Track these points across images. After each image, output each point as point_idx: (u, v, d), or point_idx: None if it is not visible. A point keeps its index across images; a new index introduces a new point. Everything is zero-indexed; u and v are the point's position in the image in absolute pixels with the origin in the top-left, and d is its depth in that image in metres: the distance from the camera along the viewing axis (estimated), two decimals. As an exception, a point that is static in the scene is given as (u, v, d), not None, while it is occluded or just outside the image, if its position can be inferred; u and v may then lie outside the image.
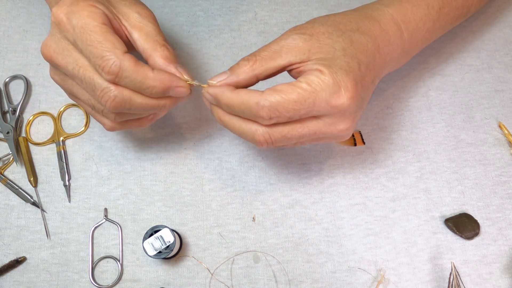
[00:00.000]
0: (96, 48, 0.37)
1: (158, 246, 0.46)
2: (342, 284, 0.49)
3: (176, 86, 0.40)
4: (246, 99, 0.38)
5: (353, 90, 0.38)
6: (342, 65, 0.39)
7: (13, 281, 0.49)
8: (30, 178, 0.52)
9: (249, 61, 0.41)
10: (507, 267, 0.49)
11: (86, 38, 0.37)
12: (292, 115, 0.38)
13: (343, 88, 0.38)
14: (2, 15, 0.61)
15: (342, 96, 0.38)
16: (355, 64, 0.40)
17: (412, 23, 0.47)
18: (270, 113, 0.37)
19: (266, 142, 0.40)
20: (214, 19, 0.61)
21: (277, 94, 0.37)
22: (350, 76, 0.38)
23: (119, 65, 0.37)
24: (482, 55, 0.59)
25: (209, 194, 0.52)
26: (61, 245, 0.50)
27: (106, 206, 0.52)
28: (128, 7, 0.42)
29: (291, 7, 0.61)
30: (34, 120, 0.56)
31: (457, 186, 0.52)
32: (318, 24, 0.42)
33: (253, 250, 0.50)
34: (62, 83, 0.43)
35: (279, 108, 0.37)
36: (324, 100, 0.37)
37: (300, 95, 0.37)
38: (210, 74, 0.58)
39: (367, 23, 0.44)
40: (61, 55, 0.39)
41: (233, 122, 0.41)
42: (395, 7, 0.47)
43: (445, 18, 0.50)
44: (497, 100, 0.56)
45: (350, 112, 0.39)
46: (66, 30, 0.38)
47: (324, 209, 0.52)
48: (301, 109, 0.37)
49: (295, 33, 0.41)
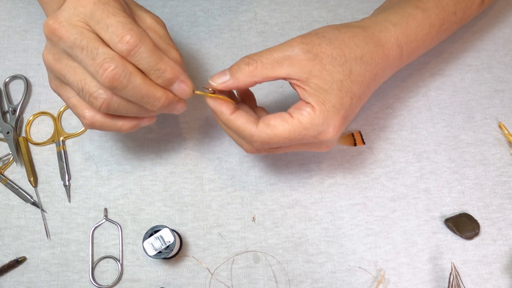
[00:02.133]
0: (120, 19, 0.37)
1: (158, 246, 0.46)
2: (342, 284, 0.49)
3: (182, 81, 0.40)
4: (242, 129, 0.42)
5: (340, 127, 0.42)
6: (335, 102, 0.41)
7: (13, 281, 0.49)
8: (30, 178, 0.52)
9: (250, 66, 0.41)
10: (507, 267, 0.49)
11: (109, 10, 0.37)
12: (281, 145, 0.42)
13: (331, 126, 0.41)
14: (2, 15, 0.61)
15: (329, 133, 0.41)
16: (348, 100, 0.42)
17: (414, 43, 0.47)
18: (262, 145, 0.42)
19: (256, 152, 0.45)
20: (214, 19, 0.61)
21: (270, 130, 0.41)
22: (340, 114, 0.41)
23: (140, 38, 0.37)
24: (482, 55, 0.59)
25: (209, 194, 0.52)
26: (61, 245, 0.50)
27: (106, 206, 0.52)
28: (144, 12, 0.43)
29: (291, 7, 0.61)
30: (34, 120, 0.56)
31: (457, 186, 0.52)
32: (326, 43, 0.41)
33: (253, 250, 0.50)
34: (54, 63, 0.40)
35: (270, 141, 0.41)
36: (312, 136, 0.41)
37: (291, 132, 0.41)
38: (210, 74, 0.58)
39: (372, 48, 0.44)
40: (66, 28, 0.38)
41: (229, 131, 0.45)
42: (402, 27, 0.47)
43: (444, 33, 0.51)
44: (497, 100, 0.56)
45: (334, 140, 0.43)
46: (82, 4, 0.37)
47: (324, 209, 0.51)
48: (290, 142, 0.42)
49: (301, 46, 0.41)
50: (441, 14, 0.49)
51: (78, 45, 0.37)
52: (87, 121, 0.41)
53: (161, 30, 0.42)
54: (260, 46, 0.59)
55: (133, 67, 0.38)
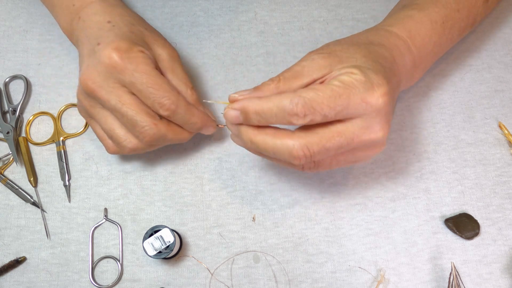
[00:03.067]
0: (157, 90, 0.43)
1: (158, 246, 0.46)
2: (342, 284, 0.49)
3: (209, 125, 0.48)
4: (279, 100, 0.37)
5: (386, 87, 0.38)
6: (368, 67, 0.39)
7: (13, 281, 0.49)
8: (30, 178, 0.52)
9: (273, 81, 0.41)
10: (507, 267, 0.49)
11: (147, 81, 0.43)
12: (327, 113, 0.36)
13: (376, 85, 0.37)
14: (2, 15, 0.61)
15: (375, 92, 0.37)
16: (380, 66, 0.40)
17: (418, 38, 0.47)
18: (305, 109, 0.36)
19: (305, 156, 0.37)
20: (214, 19, 0.61)
21: (311, 91, 0.37)
22: (380, 75, 0.38)
23: (177, 104, 0.44)
24: (482, 55, 0.59)
25: (209, 194, 0.52)
26: (61, 245, 0.50)
27: (106, 206, 0.52)
28: (161, 48, 0.48)
29: (291, 7, 0.61)
30: (34, 120, 0.56)
31: (457, 186, 0.52)
32: (333, 45, 0.43)
33: (253, 250, 0.50)
34: (88, 107, 0.46)
35: (313, 104, 0.36)
36: (359, 96, 0.37)
37: (335, 91, 0.37)
38: (210, 74, 0.58)
39: (378, 38, 0.45)
40: (105, 90, 0.43)
41: (266, 141, 0.39)
42: (398, 26, 0.47)
43: (450, 31, 0.50)
44: (497, 100, 0.56)
45: (385, 112, 0.38)
46: (121, 72, 0.43)
47: (324, 209, 0.52)
48: (336, 105, 0.36)
49: (313, 54, 0.41)
50: (441, 12, 0.49)
51: (118, 111, 0.43)
52: (111, 151, 0.48)
53: (177, 68, 0.48)
54: (260, 46, 0.59)
55: (168, 125, 0.45)
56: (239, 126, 0.41)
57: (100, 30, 0.46)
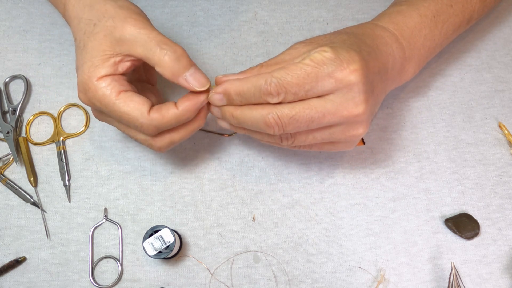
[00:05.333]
0: (127, 120, 0.42)
1: (158, 246, 0.46)
2: (342, 284, 0.49)
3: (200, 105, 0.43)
4: (256, 80, 0.40)
5: (357, 64, 0.39)
6: (343, 47, 0.40)
7: (13, 281, 0.49)
8: (30, 178, 0.52)
9: (257, 67, 0.44)
10: (507, 267, 0.49)
11: (115, 113, 0.42)
12: (297, 91, 0.39)
13: (345, 61, 0.38)
14: (2, 15, 0.61)
15: (345, 68, 0.38)
16: (356, 47, 0.41)
17: (406, 30, 0.48)
18: (277, 88, 0.39)
19: (277, 124, 0.40)
20: (214, 19, 0.61)
21: (283, 71, 0.39)
22: (352, 52, 0.39)
23: (153, 125, 0.42)
24: (482, 55, 0.59)
25: (209, 194, 0.52)
26: (61, 245, 0.50)
27: (106, 206, 0.52)
28: (123, 21, 0.42)
29: (291, 7, 0.61)
30: (34, 120, 0.56)
31: (457, 186, 0.52)
32: (316, 36, 0.44)
33: (253, 250, 0.50)
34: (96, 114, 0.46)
35: (284, 83, 0.38)
36: (327, 73, 0.38)
37: (303, 70, 0.38)
38: (210, 74, 0.58)
39: (362, 30, 0.46)
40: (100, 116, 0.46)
41: (244, 113, 0.42)
42: (385, 20, 0.48)
43: (443, 25, 0.50)
44: (497, 100, 0.56)
45: (358, 89, 0.39)
46: (95, 107, 0.43)
47: (324, 209, 0.52)
48: (305, 83, 0.38)
49: (297, 43, 0.43)
50: (432, 6, 0.49)
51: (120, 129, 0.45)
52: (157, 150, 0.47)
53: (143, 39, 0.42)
54: (260, 46, 0.59)
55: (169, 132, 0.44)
56: (221, 107, 0.43)
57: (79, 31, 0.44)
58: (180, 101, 0.42)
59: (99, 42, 0.41)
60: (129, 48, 0.41)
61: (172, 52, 0.40)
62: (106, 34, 0.41)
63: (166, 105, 0.42)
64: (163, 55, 0.40)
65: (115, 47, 0.42)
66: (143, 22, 0.42)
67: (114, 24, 0.41)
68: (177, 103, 0.42)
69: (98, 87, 0.41)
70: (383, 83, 0.44)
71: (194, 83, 0.41)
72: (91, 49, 0.42)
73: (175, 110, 0.42)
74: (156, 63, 0.41)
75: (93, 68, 0.41)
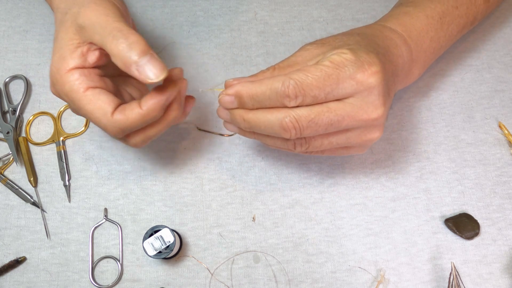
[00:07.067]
0: (92, 119, 0.40)
1: (158, 246, 0.46)
2: (342, 284, 0.49)
3: (166, 102, 0.40)
4: (271, 83, 0.38)
5: (378, 66, 0.38)
6: (360, 48, 0.39)
7: (13, 281, 0.49)
8: (30, 178, 0.52)
9: (269, 69, 0.42)
10: (507, 267, 0.49)
11: (81, 110, 0.40)
12: (317, 94, 0.37)
13: (366, 63, 0.37)
14: (2, 15, 0.61)
15: (366, 70, 0.37)
16: (372, 49, 0.40)
17: (413, 32, 0.47)
18: (296, 90, 0.37)
19: (294, 128, 0.38)
20: (214, 19, 0.61)
21: (301, 73, 0.37)
22: (372, 54, 0.38)
23: (116, 127, 0.40)
24: (482, 55, 0.59)
25: (209, 194, 0.52)
26: (61, 245, 0.50)
27: (106, 206, 0.52)
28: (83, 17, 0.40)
29: (291, 7, 0.61)
30: (34, 120, 0.56)
31: (457, 186, 0.52)
32: (326, 37, 0.44)
33: (253, 250, 0.50)
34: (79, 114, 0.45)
35: (303, 85, 0.37)
36: (348, 75, 0.37)
37: (324, 71, 0.37)
38: (210, 74, 0.58)
39: (371, 31, 0.45)
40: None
41: (257, 116, 0.40)
42: (393, 21, 0.48)
43: (449, 27, 0.50)
44: (497, 100, 0.56)
45: (378, 91, 0.38)
46: (64, 101, 0.42)
47: (324, 209, 0.51)
48: (326, 86, 0.37)
49: (308, 45, 0.42)
50: (438, 8, 0.49)
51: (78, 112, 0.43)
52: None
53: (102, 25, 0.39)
54: (260, 46, 0.59)
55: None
56: (231, 110, 0.41)
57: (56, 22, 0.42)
58: (144, 100, 0.39)
59: (66, 31, 0.40)
60: (90, 35, 0.39)
61: (124, 39, 0.37)
62: (72, 21, 0.39)
63: (130, 104, 0.39)
64: (115, 43, 0.37)
65: (79, 35, 0.39)
66: (106, 9, 0.39)
67: (78, 10, 0.39)
68: (141, 102, 0.39)
69: (66, 80, 0.39)
70: (394, 85, 0.44)
71: (146, 74, 0.36)
72: (60, 39, 0.40)
73: (139, 110, 0.39)
74: (109, 52, 0.37)
75: (61, 60, 0.39)
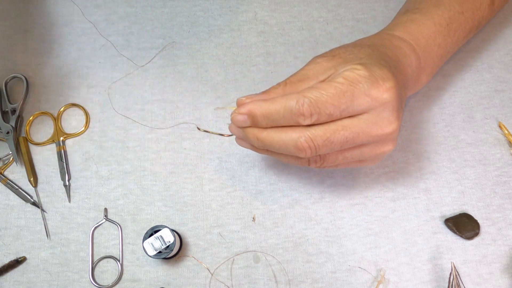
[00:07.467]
0: None
1: (158, 246, 0.46)
2: (342, 284, 0.49)
3: None
4: (285, 101, 0.38)
5: (392, 81, 0.38)
6: (373, 63, 0.39)
7: (13, 281, 0.49)
8: (30, 178, 0.52)
9: (280, 85, 0.41)
10: (507, 267, 0.49)
11: None
12: (332, 111, 0.37)
13: (380, 79, 0.37)
14: (2, 15, 0.61)
15: (381, 86, 0.37)
16: (384, 62, 0.40)
17: (421, 40, 0.47)
18: (311, 109, 0.37)
19: (310, 148, 0.38)
20: (214, 19, 0.61)
21: (315, 91, 0.37)
22: (385, 69, 0.38)
23: None
24: (482, 55, 0.59)
25: (209, 194, 0.52)
26: (61, 245, 0.50)
27: (106, 206, 0.52)
28: None
29: (291, 7, 0.61)
30: (34, 120, 0.56)
31: (457, 186, 0.52)
32: (337, 49, 0.43)
33: (253, 250, 0.50)
34: None
35: (318, 104, 0.37)
36: (363, 91, 0.37)
37: (338, 89, 0.37)
38: (210, 74, 0.58)
39: (381, 41, 0.45)
40: None
41: (271, 136, 0.39)
42: (401, 29, 0.48)
43: (455, 33, 0.50)
44: (497, 100, 0.56)
45: (392, 106, 0.38)
46: None
47: (324, 209, 0.51)
48: (341, 103, 0.37)
49: (318, 58, 0.42)
50: (445, 14, 0.49)
51: None
52: None
53: None
54: (260, 46, 0.59)
55: None
56: (245, 128, 0.41)
57: None
58: None
59: None
60: None
61: None
62: None
63: None
64: None
65: None
66: None
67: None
68: None
69: None
70: (405, 95, 0.44)
71: None
72: None
73: None
74: None
75: None
